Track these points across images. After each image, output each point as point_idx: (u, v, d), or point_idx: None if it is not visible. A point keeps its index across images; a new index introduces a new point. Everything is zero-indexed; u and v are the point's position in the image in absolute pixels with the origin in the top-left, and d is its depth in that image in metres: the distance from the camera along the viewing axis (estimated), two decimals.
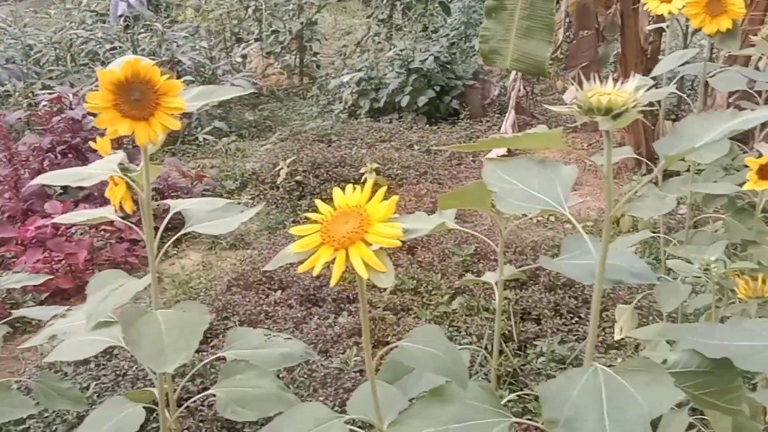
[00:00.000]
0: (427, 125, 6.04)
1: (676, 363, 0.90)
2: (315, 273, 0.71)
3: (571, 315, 2.81)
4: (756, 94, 1.90)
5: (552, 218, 4.08)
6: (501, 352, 2.61)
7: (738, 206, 1.66)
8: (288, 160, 4.32)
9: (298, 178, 4.27)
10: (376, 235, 0.71)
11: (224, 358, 1.32)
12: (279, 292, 3.06)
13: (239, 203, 1.34)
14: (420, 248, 3.44)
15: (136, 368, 2.43)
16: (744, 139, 2.51)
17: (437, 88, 6.20)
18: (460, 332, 2.70)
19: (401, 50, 6.35)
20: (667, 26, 1.86)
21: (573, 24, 4.55)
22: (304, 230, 0.75)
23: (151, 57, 6.05)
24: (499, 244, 1.23)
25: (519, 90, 4.97)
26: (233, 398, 1.09)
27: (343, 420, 0.84)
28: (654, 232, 2.14)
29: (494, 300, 2.77)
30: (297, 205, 4.16)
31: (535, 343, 2.63)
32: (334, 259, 0.71)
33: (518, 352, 2.61)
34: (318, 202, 0.79)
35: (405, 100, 6.04)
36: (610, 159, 0.80)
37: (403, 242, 3.00)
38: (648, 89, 0.95)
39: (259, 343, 1.35)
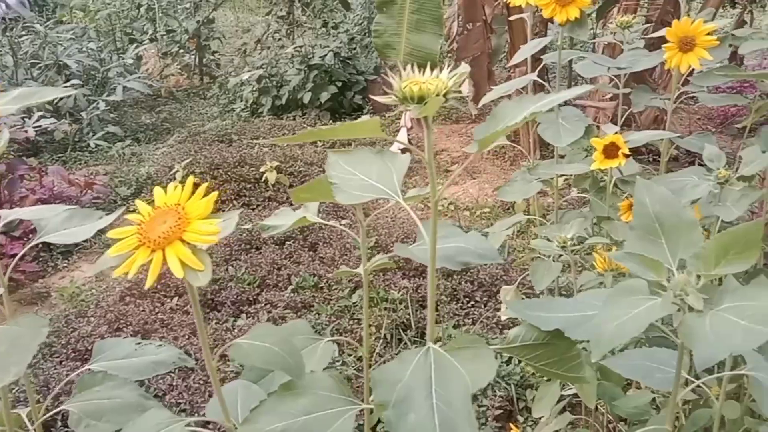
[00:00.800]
0: (332, 121, 6.04)
1: (515, 337, 0.94)
2: (130, 276, 0.69)
3: (468, 299, 2.89)
4: (615, 78, 2.01)
5: (452, 206, 4.18)
6: (400, 340, 2.66)
7: (600, 185, 1.76)
8: (184, 162, 4.20)
9: (195, 180, 4.15)
10: (194, 233, 0.70)
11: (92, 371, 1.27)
12: (176, 299, 2.97)
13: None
14: (322, 244, 3.43)
15: None
16: None
17: (339, 84, 6.20)
18: (360, 324, 2.72)
19: (299, 47, 6.30)
20: (528, 16, 1.93)
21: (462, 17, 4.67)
22: (122, 233, 0.73)
23: (34, 61, 5.71)
24: (361, 234, 1.24)
25: None
26: (87, 412, 1.05)
27: (183, 423, 0.83)
28: (545, 215, 2.24)
29: (393, 291, 2.81)
30: None
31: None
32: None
33: (416, 339, 2.66)
34: (138, 203, 0.77)
35: (307, 97, 6.01)
36: (430, 146, 0.83)
37: (305, 239, 2.95)
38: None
39: (129, 352, 1.31)
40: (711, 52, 1.71)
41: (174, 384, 2.31)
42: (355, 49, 6.93)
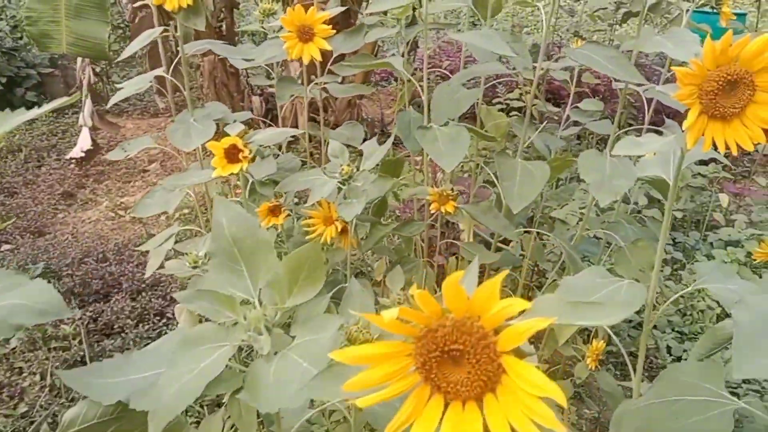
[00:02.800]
0: None
1: (73, 421, 0.73)
2: None
3: (159, 317, 2.61)
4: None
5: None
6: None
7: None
8: None
9: None
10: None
11: None
12: None
13: None
14: None
15: None
16: None
17: (4, 80, 5.27)
18: (21, 373, 2.26)
19: None
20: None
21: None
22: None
23: None
24: None
25: (90, 76, 4.47)
26: None
27: None
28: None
29: (64, 326, 2.40)
30: None
31: None
32: None
33: None
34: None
35: None
36: None
37: None
38: None
39: None
40: (345, 41, 1.68)
41: None
42: (21, 38, 5.96)
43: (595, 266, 0.90)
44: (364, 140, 1.77)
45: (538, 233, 1.91)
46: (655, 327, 2.62)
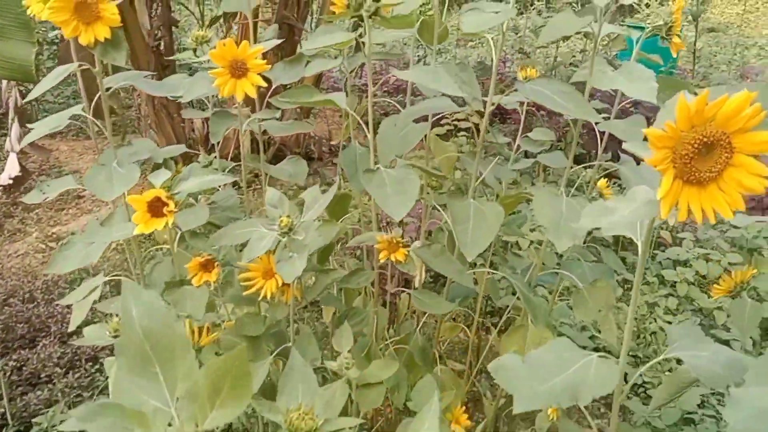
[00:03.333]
0: None
1: None
2: None
3: (92, 362, 2.42)
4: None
5: None
6: None
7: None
8: None
9: None
10: None
11: None
12: None
13: None
14: None
15: None
16: None
17: None
18: None
19: None
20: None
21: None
22: None
23: None
24: None
25: (17, 98, 4.22)
26: None
27: None
28: None
29: None
30: None
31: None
32: None
33: None
34: None
35: None
36: None
37: None
38: None
39: None
40: (284, 71, 1.57)
41: None
42: None
43: (560, 339, 0.81)
44: (309, 175, 1.66)
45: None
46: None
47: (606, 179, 1.78)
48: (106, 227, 1.35)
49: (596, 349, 2.46)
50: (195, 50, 1.72)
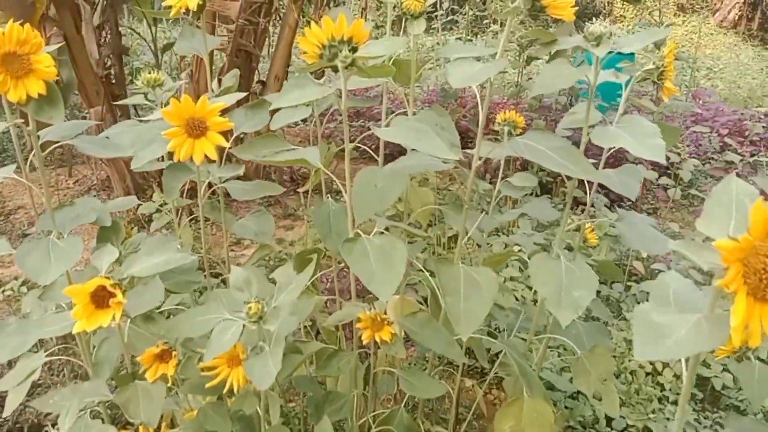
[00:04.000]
0: None
1: None
2: None
3: None
4: None
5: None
6: None
7: None
8: None
9: None
10: None
11: None
12: None
13: None
14: None
15: None
16: None
17: None
18: None
19: None
20: None
21: None
22: None
23: None
24: None
25: None
26: None
27: None
28: None
29: None
30: None
31: None
32: None
33: None
34: None
35: None
36: None
37: None
38: None
39: None
40: (247, 118, 1.42)
41: None
42: None
43: None
44: (270, 205, 1.50)
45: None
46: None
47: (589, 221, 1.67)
48: (41, 309, 1.16)
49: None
50: (146, 95, 1.56)
